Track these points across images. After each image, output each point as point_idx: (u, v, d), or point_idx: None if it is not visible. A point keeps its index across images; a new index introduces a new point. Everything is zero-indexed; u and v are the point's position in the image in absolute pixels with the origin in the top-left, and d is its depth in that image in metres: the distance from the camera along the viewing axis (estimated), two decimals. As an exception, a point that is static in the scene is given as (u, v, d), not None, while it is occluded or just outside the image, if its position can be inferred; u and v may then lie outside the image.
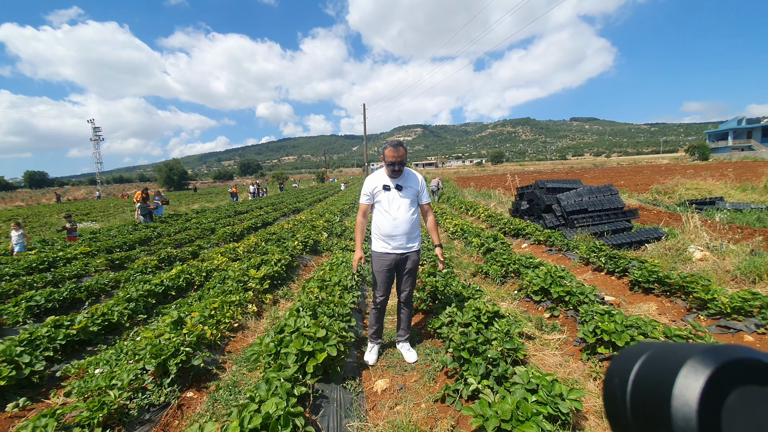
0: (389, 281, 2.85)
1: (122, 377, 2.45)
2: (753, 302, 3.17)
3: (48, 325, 3.35)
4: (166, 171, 54.41)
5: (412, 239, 2.78)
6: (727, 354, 0.24)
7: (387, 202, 2.70)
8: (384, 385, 2.58)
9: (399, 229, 2.70)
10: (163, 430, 2.23)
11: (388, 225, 2.70)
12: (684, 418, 0.23)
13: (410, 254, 2.80)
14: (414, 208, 2.76)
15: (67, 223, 9.13)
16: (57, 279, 5.40)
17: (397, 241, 2.72)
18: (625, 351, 0.31)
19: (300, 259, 6.45)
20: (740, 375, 0.24)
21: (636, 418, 0.26)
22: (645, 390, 0.26)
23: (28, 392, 2.74)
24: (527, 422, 1.64)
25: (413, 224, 2.74)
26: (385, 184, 2.71)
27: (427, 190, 2.84)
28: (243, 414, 1.66)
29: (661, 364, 0.26)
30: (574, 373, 2.71)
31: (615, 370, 0.30)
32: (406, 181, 2.74)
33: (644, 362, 0.28)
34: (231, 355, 3.21)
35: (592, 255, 5.15)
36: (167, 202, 15.85)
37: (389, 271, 2.80)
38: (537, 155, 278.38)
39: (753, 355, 0.24)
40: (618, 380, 0.29)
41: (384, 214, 2.72)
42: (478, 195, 16.52)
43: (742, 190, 12.74)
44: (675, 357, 0.26)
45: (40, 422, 1.99)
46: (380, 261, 2.78)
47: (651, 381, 0.26)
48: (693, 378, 0.23)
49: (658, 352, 0.28)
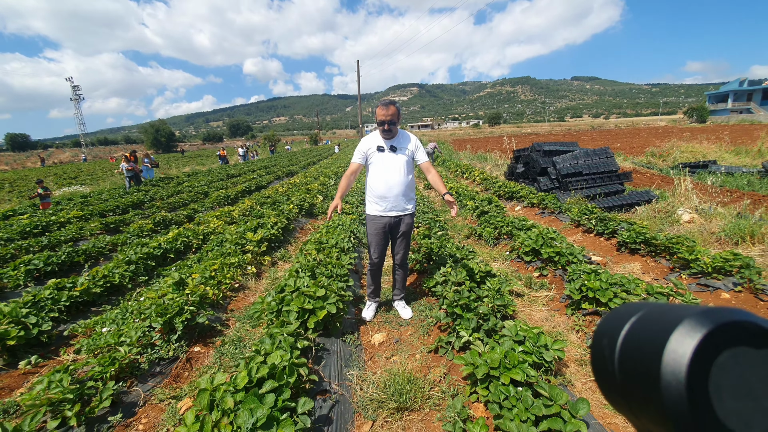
0: (384, 243, 2.89)
1: (130, 334, 2.56)
2: (734, 262, 3.32)
3: (50, 288, 3.42)
4: (152, 132, 52.52)
5: (407, 201, 2.78)
6: (724, 315, 0.24)
7: (381, 164, 2.68)
8: (381, 339, 2.74)
9: (393, 191, 2.69)
10: (174, 381, 2.37)
11: (382, 187, 2.70)
12: (673, 372, 0.23)
13: (404, 217, 2.81)
14: (408, 169, 2.73)
15: (39, 188, 8.77)
16: (53, 243, 5.41)
17: (391, 203, 2.72)
18: (614, 311, 0.31)
19: (296, 222, 6.49)
20: (735, 336, 0.24)
21: (624, 375, 0.27)
22: (636, 347, 0.27)
23: (38, 351, 2.85)
24: (514, 369, 1.78)
25: (407, 186, 2.73)
26: (379, 146, 2.68)
27: (423, 150, 2.79)
28: (250, 365, 1.78)
29: (655, 324, 0.26)
30: (559, 326, 2.89)
31: (604, 329, 0.30)
32: (399, 142, 2.70)
33: (637, 321, 0.28)
34: (233, 313, 3.34)
35: (583, 217, 5.26)
36: (157, 164, 15.47)
37: (383, 233, 2.83)
38: (535, 116, 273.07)
39: (749, 318, 0.24)
40: (607, 340, 0.29)
41: (378, 176, 2.70)
42: (474, 158, 16.39)
43: (736, 153, 12.79)
44: (671, 316, 0.26)
45: (55, 377, 2.09)
46: (374, 223, 2.81)
47: (643, 339, 0.26)
48: (688, 336, 0.24)
49: (652, 312, 0.28)
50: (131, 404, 2.16)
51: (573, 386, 2.17)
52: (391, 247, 3.02)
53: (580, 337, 2.72)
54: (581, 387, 2.18)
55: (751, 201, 6.04)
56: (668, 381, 0.23)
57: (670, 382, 0.23)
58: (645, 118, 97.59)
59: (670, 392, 0.23)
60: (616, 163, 7.73)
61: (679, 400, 0.23)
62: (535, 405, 1.65)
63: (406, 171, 2.71)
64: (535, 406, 1.64)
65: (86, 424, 1.97)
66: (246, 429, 1.43)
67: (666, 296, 2.70)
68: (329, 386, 2.12)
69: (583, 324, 2.82)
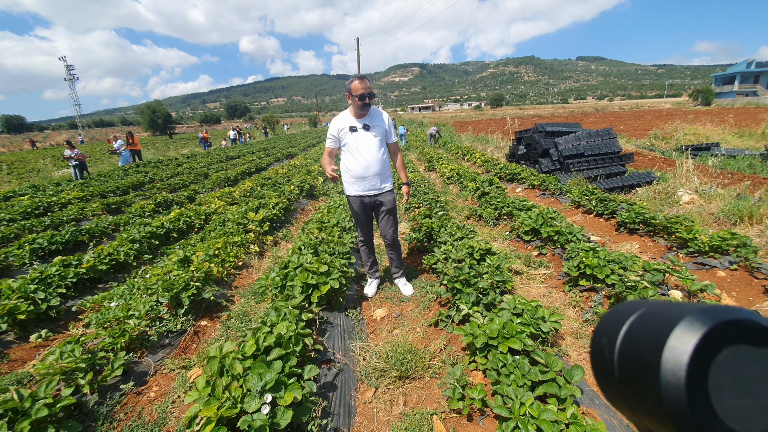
0: (367, 222, 2.90)
1: (138, 308, 2.63)
2: (731, 241, 3.36)
3: (56, 265, 3.47)
4: (149, 114, 51.65)
5: (384, 179, 2.74)
6: (724, 313, 0.24)
7: (355, 144, 2.60)
8: (383, 314, 2.81)
9: (370, 170, 2.64)
10: (183, 352, 2.45)
11: (358, 167, 2.63)
12: (673, 370, 0.23)
13: (383, 194, 2.77)
14: (383, 147, 2.68)
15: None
16: (55, 223, 5.44)
17: (369, 182, 2.69)
18: (613, 309, 0.31)
19: (297, 203, 6.51)
20: (735, 334, 0.24)
21: (624, 374, 0.27)
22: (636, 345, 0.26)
23: (47, 325, 2.92)
24: (512, 339, 1.85)
25: (384, 164, 2.68)
26: (351, 126, 2.60)
27: (395, 131, 2.75)
28: (258, 334, 1.84)
29: (654, 322, 0.26)
30: (556, 302, 2.96)
31: (603, 328, 0.30)
32: (372, 120, 2.61)
33: (636, 319, 0.28)
34: (238, 290, 3.40)
35: (583, 198, 5.28)
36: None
37: (365, 213, 2.84)
38: (538, 98, 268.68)
39: (750, 316, 0.24)
40: (606, 339, 0.29)
41: (352, 156, 2.64)
42: (475, 140, 16.23)
43: (740, 136, 12.67)
44: (671, 315, 0.26)
45: (66, 348, 2.15)
46: (355, 203, 2.80)
47: (643, 337, 0.26)
48: (688, 333, 0.24)
49: (651, 310, 0.28)
50: (142, 373, 2.24)
51: (568, 357, 2.25)
52: (379, 227, 2.99)
53: (577, 312, 2.79)
54: (576, 358, 2.26)
55: (752, 183, 6.04)
56: (668, 379, 0.23)
57: (669, 381, 0.23)
58: (649, 100, 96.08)
59: (670, 390, 0.23)
60: (618, 145, 7.68)
61: (678, 399, 0.23)
62: (531, 371, 1.71)
63: (382, 149, 2.67)
64: (531, 373, 1.71)
65: (99, 392, 2.05)
66: (255, 391, 1.49)
67: (662, 273, 2.75)
68: (333, 356, 2.20)
69: (580, 300, 2.89)
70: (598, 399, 1.84)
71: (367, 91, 2.49)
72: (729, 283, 3.06)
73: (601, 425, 1.47)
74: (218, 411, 1.42)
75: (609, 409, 1.77)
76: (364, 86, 2.48)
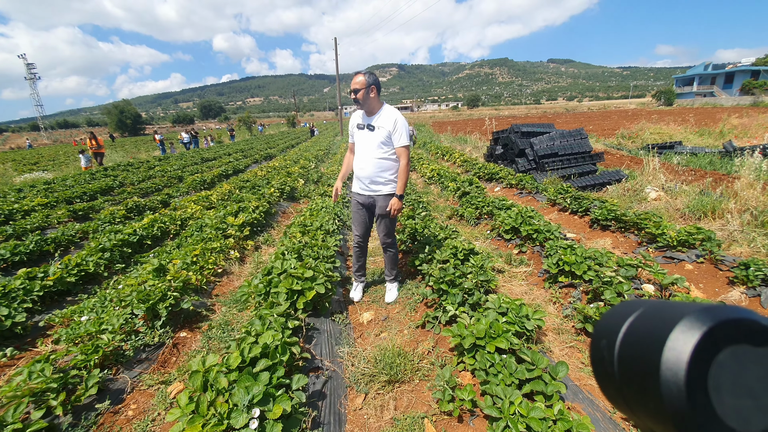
0: (363, 220, 2.88)
1: (112, 322, 2.49)
2: (696, 236, 3.56)
3: (21, 278, 3.25)
4: (116, 114, 49.26)
5: (377, 183, 2.66)
6: (724, 313, 0.24)
7: (358, 142, 2.68)
8: (369, 317, 2.80)
9: (364, 171, 2.65)
10: (161, 367, 2.35)
11: (355, 165, 2.73)
12: (673, 370, 0.23)
13: (377, 198, 2.72)
14: (382, 150, 2.58)
15: None
16: (18, 232, 5.09)
17: (363, 182, 2.71)
18: (612, 310, 0.30)
19: (278, 206, 6.39)
20: (735, 334, 0.24)
21: (624, 374, 0.27)
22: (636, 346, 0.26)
23: (13, 342, 2.73)
24: (498, 338, 1.88)
25: (378, 167, 2.60)
26: (358, 123, 2.65)
27: (402, 134, 2.57)
28: (242, 345, 1.79)
29: (654, 321, 0.26)
30: (537, 299, 3.04)
31: (602, 329, 0.29)
32: (379, 119, 2.56)
33: (635, 320, 0.28)
34: (219, 298, 3.30)
35: (558, 197, 5.46)
36: None
37: (361, 211, 2.84)
38: (512, 99, 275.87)
39: (750, 316, 0.24)
40: (606, 341, 0.28)
41: (356, 153, 2.73)
42: (454, 140, 16.48)
43: (700, 134, 13.49)
44: (670, 314, 0.25)
45: (35, 367, 2.02)
46: (353, 200, 2.86)
47: (642, 337, 0.26)
48: (688, 333, 0.23)
49: (650, 310, 0.28)
50: (118, 391, 2.13)
51: (551, 353, 2.32)
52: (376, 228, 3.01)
53: (557, 308, 2.88)
54: (559, 353, 2.33)
55: (713, 179, 6.43)
56: (668, 379, 0.23)
57: (669, 380, 0.23)
58: (616, 101, 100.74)
59: (670, 390, 0.23)
60: (589, 144, 8.00)
61: (678, 398, 0.23)
62: (518, 370, 1.75)
63: (380, 151, 2.58)
64: (518, 371, 1.75)
65: (72, 413, 1.93)
66: (243, 406, 1.45)
67: (635, 267, 2.88)
68: (321, 363, 2.17)
69: (559, 296, 2.98)
70: (581, 393, 1.91)
71: (352, 87, 2.49)
72: (696, 276, 3.24)
73: (587, 419, 1.52)
74: (203, 429, 1.37)
75: (592, 403, 1.84)
76: (352, 83, 2.49)
